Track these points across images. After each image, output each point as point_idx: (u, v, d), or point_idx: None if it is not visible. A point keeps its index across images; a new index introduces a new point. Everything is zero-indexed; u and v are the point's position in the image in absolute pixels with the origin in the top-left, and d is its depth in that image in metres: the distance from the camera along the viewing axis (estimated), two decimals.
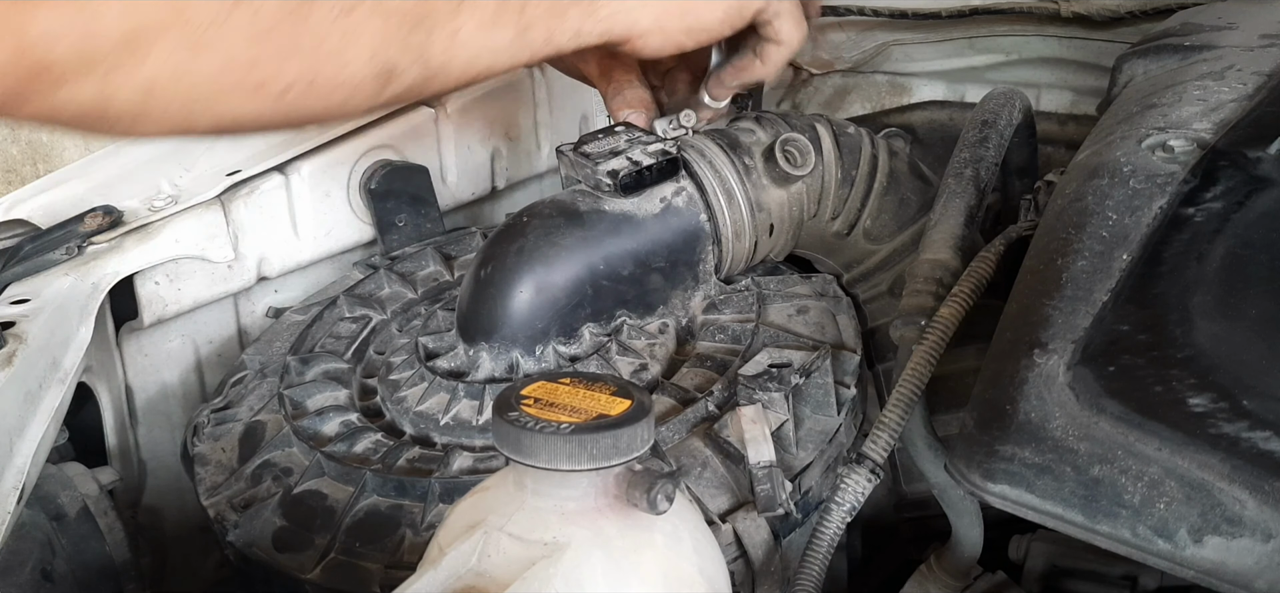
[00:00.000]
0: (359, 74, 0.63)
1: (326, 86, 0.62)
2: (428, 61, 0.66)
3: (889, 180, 0.94)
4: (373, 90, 0.64)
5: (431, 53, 0.66)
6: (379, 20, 0.62)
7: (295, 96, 0.61)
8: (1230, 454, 0.53)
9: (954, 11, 1.13)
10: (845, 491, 0.67)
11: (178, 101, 0.58)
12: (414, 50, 0.65)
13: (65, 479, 0.82)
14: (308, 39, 0.60)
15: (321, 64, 0.61)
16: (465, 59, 0.68)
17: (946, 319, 0.69)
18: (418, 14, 0.64)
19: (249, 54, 0.58)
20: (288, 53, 0.60)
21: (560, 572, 0.49)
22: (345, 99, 0.64)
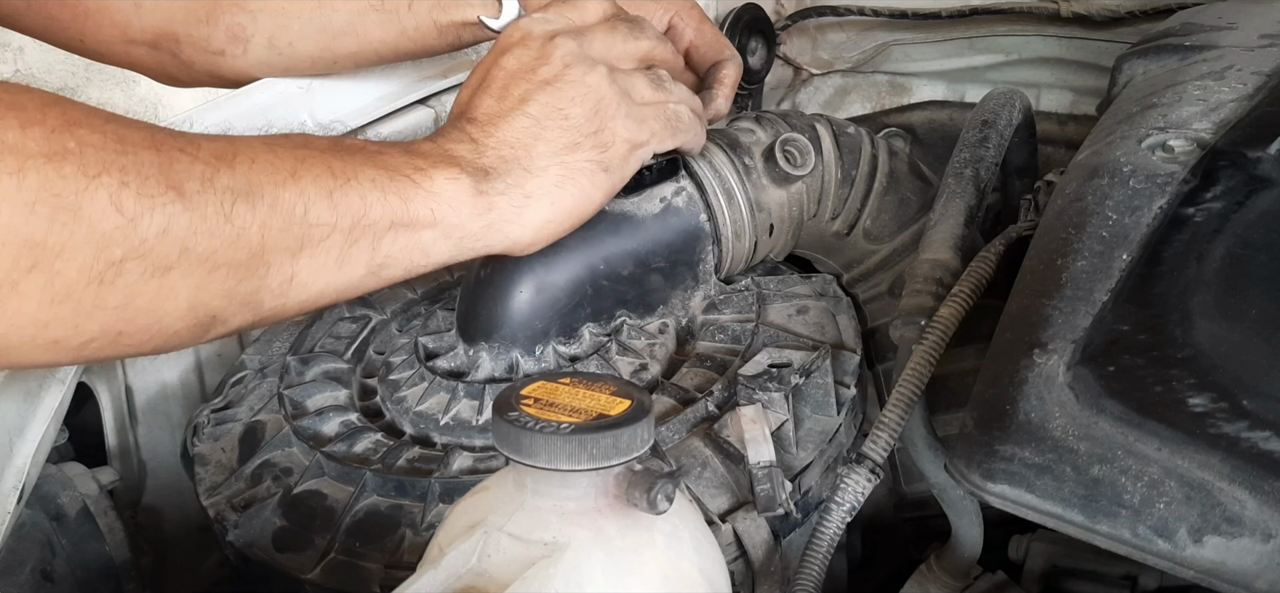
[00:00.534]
0: (175, 325, 0.59)
1: (136, 338, 0.58)
2: (259, 307, 0.62)
3: (889, 180, 0.94)
4: (192, 336, 0.60)
5: (263, 298, 0.61)
6: (199, 276, 0.57)
7: (98, 347, 0.57)
8: (1230, 454, 0.53)
9: (954, 11, 1.13)
10: (845, 491, 0.67)
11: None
12: (242, 298, 0.60)
13: (65, 479, 0.82)
14: (114, 299, 0.55)
15: (129, 319, 0.56)
16: (304, 300, 0.63)
17: (946, 319, 0.69)
18: (250, 265, 0.59)
19: (42, 315, 0.53)
20: (87, 313, 0.55)
21: (560, 572, 0.49)
22: (160, 346, 0.59)
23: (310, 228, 0.62)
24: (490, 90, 0.73)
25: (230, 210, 0.58)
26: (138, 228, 0.54)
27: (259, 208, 0.59)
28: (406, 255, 0.66)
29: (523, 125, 0.70)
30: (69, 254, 0.52)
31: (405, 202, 0.65)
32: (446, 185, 0.67)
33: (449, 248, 0.68)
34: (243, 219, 0.58)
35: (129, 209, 0.54)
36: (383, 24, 0.89)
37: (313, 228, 0.62)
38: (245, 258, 0.59)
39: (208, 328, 0.60)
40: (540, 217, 0.71)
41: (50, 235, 0.52)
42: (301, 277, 0.62)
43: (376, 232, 0.64)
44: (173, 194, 0.56)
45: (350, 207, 0.63)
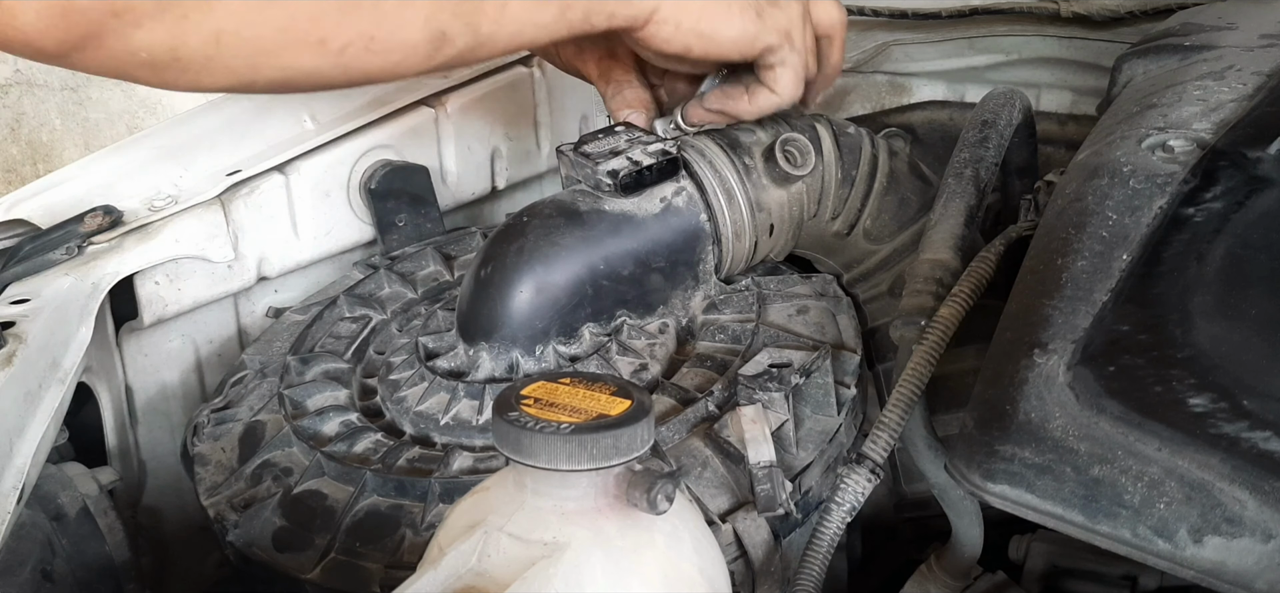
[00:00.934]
0: (414, 37, 0.67)
1: (384, 46, 0.66)
2: (477, 30, 0.69)
3: (889, 180, 0.94)
4: (426, 53, 0.68)
5: (480, 22, 0.69)
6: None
7: (354, 54, 0.65)
8: (1230, 454, 0.53)
9: (954, 11, 1.13)
10: (845, 490, 0.67)
11: (244, 53, 0.62)
12: (465, 18, 0.68)
13: (65, 479, 0.82)
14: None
15: (380, 24, 0.65)
16: (511, 31, 0.71)
17: (946, 319, 0.69)
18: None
19: (313, 9, 0.62)
20: (348, 10, 0.63)
21: (560, 572, 0.49)
22: (401, 60, 0.68)
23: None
24: None
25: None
26: None
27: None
28: (587, 3, 0.74)
29: None
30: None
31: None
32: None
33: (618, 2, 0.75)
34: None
35: None
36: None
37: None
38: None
39: (439, 46, 0.68)
40: (687, 9, 0.77)
41: None
42: (511, 7, 0.70)
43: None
44: None
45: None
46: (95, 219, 0.90)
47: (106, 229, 0.90)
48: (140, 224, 0.91)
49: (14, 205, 0.93)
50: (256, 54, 0.62)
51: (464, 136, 1.10)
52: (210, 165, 0.97)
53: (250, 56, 0.62)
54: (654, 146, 0.82)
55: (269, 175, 0.98)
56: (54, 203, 0.93)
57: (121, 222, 0.91)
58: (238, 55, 0.62)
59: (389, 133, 1.04)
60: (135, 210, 0.93)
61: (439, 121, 1.08)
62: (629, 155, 0.81)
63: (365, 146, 1.03)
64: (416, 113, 1.06)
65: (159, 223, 0.92)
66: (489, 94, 1.10)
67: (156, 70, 0.61)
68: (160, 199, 0.94)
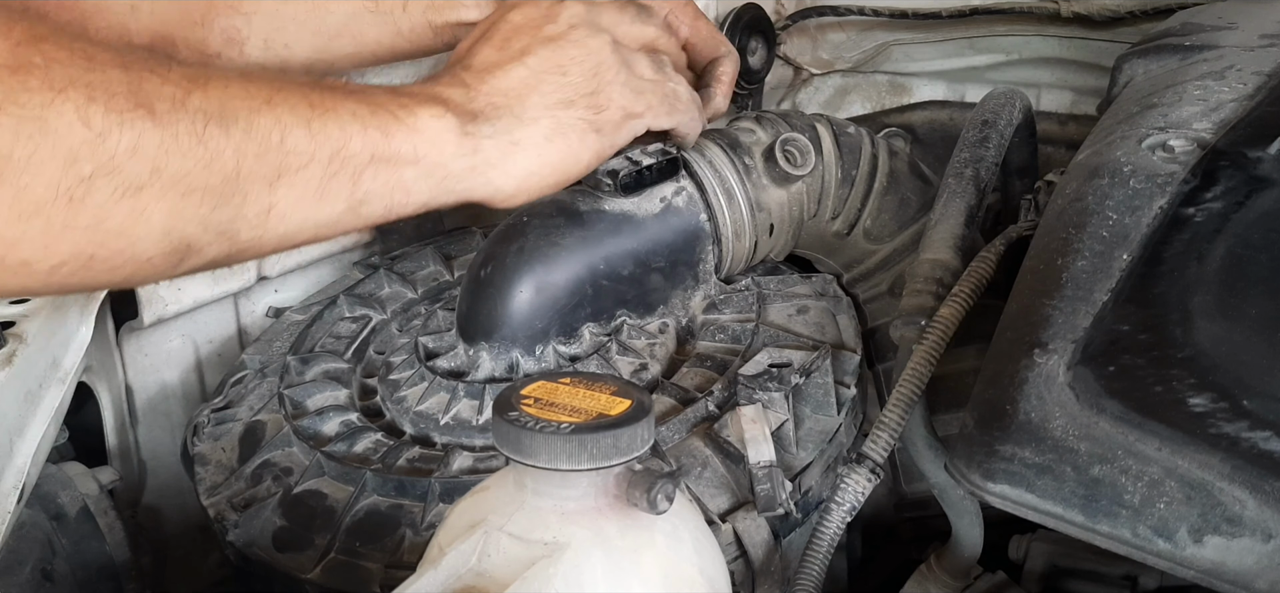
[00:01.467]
0: (148, 251, 0.57)
1: (107, 264, 0.56)
2: (235, 237, 0.60)
3: (889, 180, 0.94)
4: (166, 265, 0.58)
5: (239, 228, 0.60)
6: (175, 198, 0.56)
7: (68, 273, 0.55)
8: (1230, 454, 0.53)
9: (954, 11, 1.13)
10: (845, 490, 0.67)
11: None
12: (217, 227, 0.59)
13: (65, 479, 0.82)
14: (84, 218, 0.53)
15: (100, 242, 0.55)
16: (283, 233, 0.62)
17: (946, 319, 0.69)
18: (224, 191, 0.58)
19: (11, 233, 0.52)
20: (57, 233, 0.53)
21: (560, 572, 0.49)
22: (132, 274, 0.58)
23: (288, 156, 0.60)
24: (491, 41, 0.73)
25: (202, 132, 0.56)
26: (106, 143, 0.53)
27: (233, 132, 0.57)
28: (387, 192, 0.65)
29: (519, 75, 0.71)
30: (36, 168, 0.51)
31: (386, 136, 0.64)
32: (431, 122, 0.66)
33: (430, 188, 0.67)
34: (216, 142, 0.57)
35: (97, 124, 0.53)
36: (378, 25, 0.89)
37: (290, 156, 0.60)
38: (219, 183, 0.57)
39: (183, 257, 0.58)
40: (525, 166, 0.70)
41: (16, 148, 0.50)
42: (279, 207, 0.60)
43: (356, 165, 0.63)
44: (142, 112, 0.54)
45: (329, 137, 0.62)
46: None
47: None
48: None
49: None
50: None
51: None
52: None
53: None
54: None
55: None
56: None
57: None
58: None
59: None
60: None
61: None
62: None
63: None
64: None
65: None
66: None
67: None
68: None
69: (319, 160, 0.61)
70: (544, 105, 0.71)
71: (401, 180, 0.65)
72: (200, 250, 0.59)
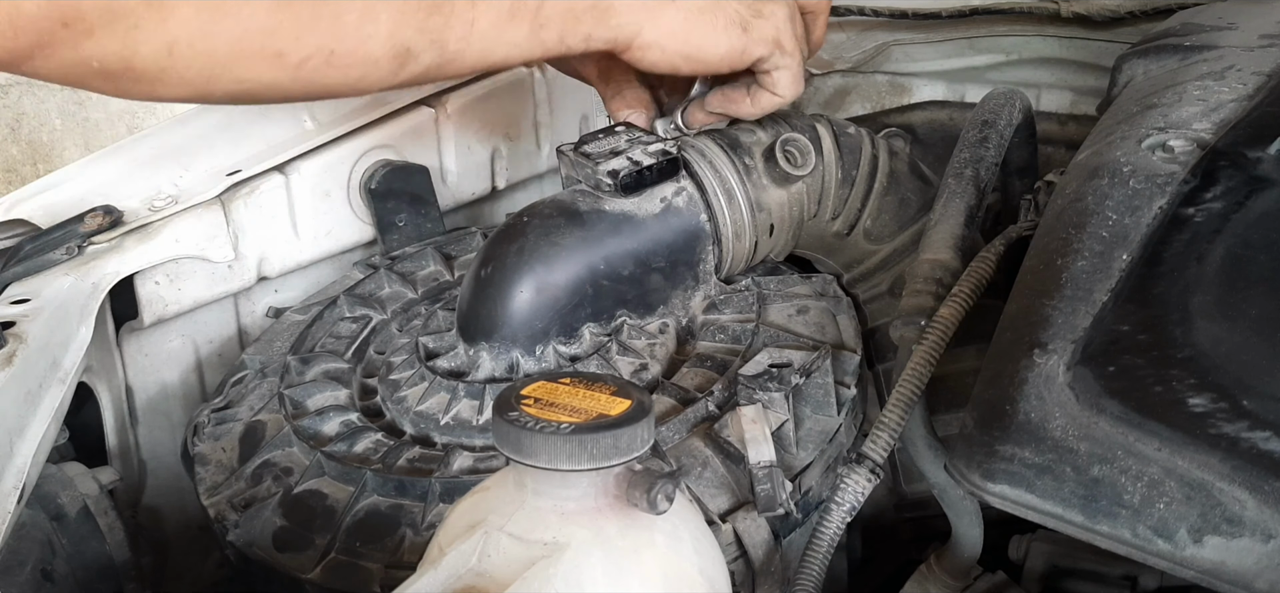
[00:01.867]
0: (376, 51, 0.65)
1: (344, 61, 0.64)
2: (443, 47, 0.67)
3: (889, 180, 0.94)
4: (390, 69, 0.66)
5: (447, 39, 0.67)
6: (397, 2, 0.64)
7: (313, 68, 0.63)
8: (1230, 454, 0.53)
9: (954, 11, 1.13)
10: (845, 490, 0.67)
11: (198, 64, 0.60)
12: (431, 34, 0.66)
13: (65, 479, 0.82)
14: (328, 11, 0.61)
15: (340, 37, 0.63)
16: (480, 49, 0.69)
17: (946, 319, 0.69)
18: (434, 2, 0.66)
19: (269, 22, 0.60)
20: (307, 24, 0.61)
21: (560, 572, 0.49)
22: (362, 74, 0.66)
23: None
24: None
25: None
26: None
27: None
28: (561, 18, 0.72)
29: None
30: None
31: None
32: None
33: (593, 19, 0.74)
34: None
35: None
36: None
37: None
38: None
39: (403, 62, 0.66)
40: (671, 23, 0.76)
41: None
42: (479, 23, 0.68)
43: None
44: None
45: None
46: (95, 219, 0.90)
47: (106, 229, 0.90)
48: (140, 224, 0.91)
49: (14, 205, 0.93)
50: (212, 66, 0.61)
51: (464, 136, 1.10)
52: (210, 165, 0.97)
53: (205, 68, 0.61)
54: (654, 147, 0.82)
55: (269, 175, 0.98)
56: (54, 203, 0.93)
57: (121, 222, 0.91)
58: (192, 66, 0.60)
59: (389, 133, 1.04)
60: (135, 210, 0.93)
61: (439, 122, 1.08)
62: (629, 155, 0.81)
63: (365, 146, 1.03)
64: (416, 113, 1.06)
65: (159, 223, 0.92)
66: (489, 94, 1.10)
67: (111, 79, 0.59)
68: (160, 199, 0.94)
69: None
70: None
71: (573, 10, 0.73)
72: (417, 57, 0.67)
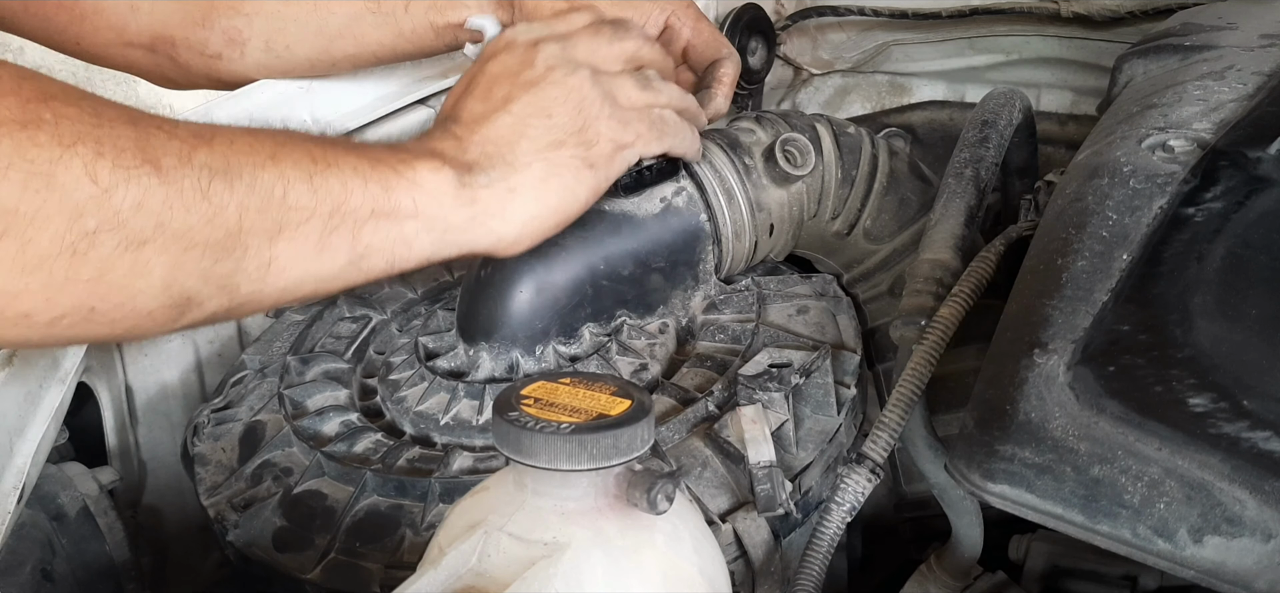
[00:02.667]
0: (149, 305, 0.57)
1: (109, 317, 0.57)
2: (235, 290, 0.60)
3: (889, 180, 0.94)
4: (167, 318, 0.59)
5: (239, 282, 0.60)
6: (177, 252, 0.56)
7: (69, 325, 0.56)
8: (1230, 454, 0.53)
9: (954, 11, 1.13)
10: (845, 490, 0.67)
11: None
12: (218, 280, 0.59)
13: (65, 479, 0.82)
14: (87, 271, 0.54)
15: (103, 296, 0.55)
16: (282, 286, 0.62)
17: (946, 319, 0.69)
18: (225, 245, 0.58)
19: (13, 286, 0.53)
20: (60, 285, 0.54)
21: (560, 572, 0.49)
22: (133, 327, 0.58)
23: (289, 211, 0.61)
24: (474, 93, 0.73)
25: (207, 187, 0.57)
26: (112, 199, 0.54)
27: (237, 187, 0.58)
28: (388, 246, 0.65)
29: (506, 124, 0.70)
30: (41, 222, 0.52)
31: (387, 190, 0.65)
32: (429, 176, 0.66)
33: (432, 241, 0.67)
34: (220, 197, 0.58)
35: (104, 180, 0.53)
36: (379, 26, 0.89)
37: (292, 211, 0.61)
38: (222, 237, 0.58)
39: (183, 310, 0.59)
40: (525, 211, 0.70)
41: (22, 203, 0.51)
42: (280, 261, 0.61)
43: (357, 219, 0.63)
44: (149, 167, 0.55)
45: (330, 192, 0.62)
46: None
47: None
48: None
49: None
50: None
51: None
52: None
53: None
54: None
55: None
56: None
57: None
58: None
59: (388, 132, 1.04)
60: None
61: None
62: None
63: None
64: (416, 113, 1.06)
65: None
66: None
67: None
68: None
69: (320, 215, 0.62)
70: (534, 149, 0.70)
71: (402, 234, 0.66)
72: (200, 304, 0.59)
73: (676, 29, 0.90)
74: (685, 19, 0.90)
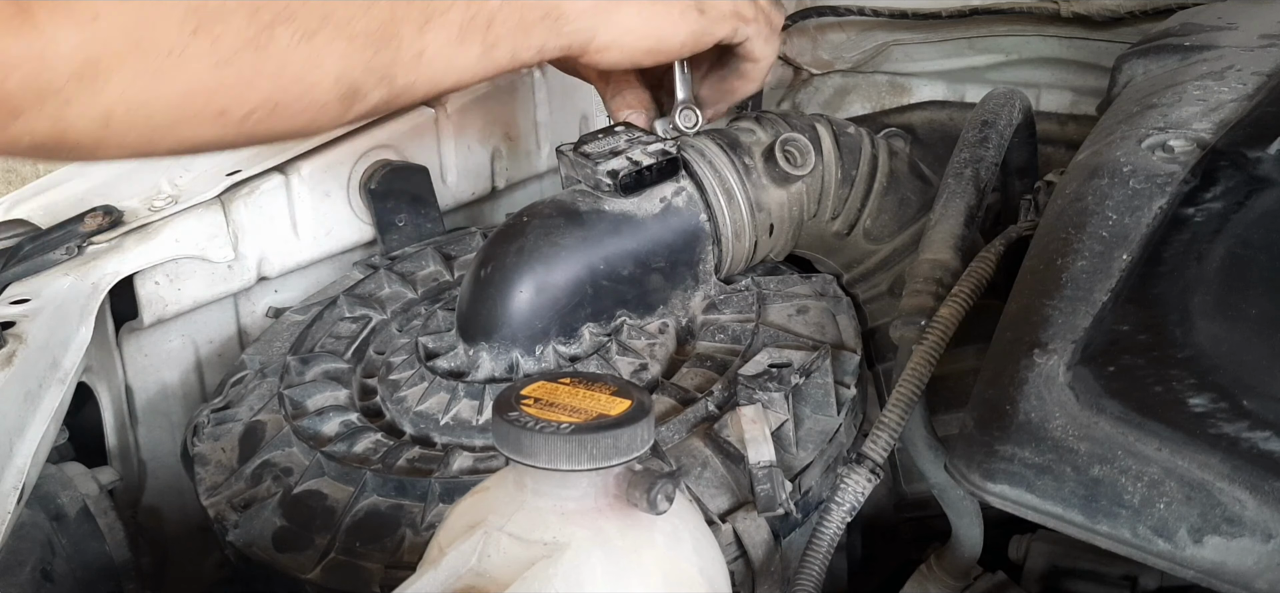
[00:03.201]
0: (324, 96, 0.62)
1: (291, 110, 0.62)
2: (393, 80, 0.65)
3: (889, 180, 0.94)
4: (338, 110, 0.64)
5: (396, 72, 0.65)
6: (343, 42, 0.62)
7: (258, 120, 0.60)
8: (1230, 454, 0.53)
9: (954, 11, 1.13)
10: (845, 491, 0.67)
11: (137, 129, 0.57)
12: (379, 71, 0.64)
13: (65, 479, 0.82)
14: (270, 65, 0.59)
15: (285, 89, 0.60)
16: (431, 76, 0.68)
17: (946, 319, 0.69)
18: (383, 34, 0.64)
19: (210, 82, 0.57)
20: (249, 79, 0.59)
21: (560, 572, 0.49)
22: (310, 120, 0.64)
23: (432, 1, 0.66)
24: None
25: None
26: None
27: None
28: (512, 36, 0.70)
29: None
30: (226, 17, 0.57)
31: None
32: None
33: (545, 32, 0.72)
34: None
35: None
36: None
37: (434, 1, 0.66)
38: (378, 28, 0.63)
39: (351, 101, 0.64)
40: (625, 22, 0.74)
41: (208, 1, 0.56)
42: (428, 51, 0.66)
43: (490, 9, 0.69)
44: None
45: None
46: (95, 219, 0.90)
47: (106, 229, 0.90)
48: (140, 224, 0.91)
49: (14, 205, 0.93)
50: (152, 131, 0.58)
51: (464, 136, 1.10)
52: (210, 165, 0.97)
53: (145, 133, 0.58)
54: (654, 147, 0.82)
55: (269, 175, 0.98)
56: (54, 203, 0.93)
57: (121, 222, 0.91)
58: (131, 132, 0.57)
59: (389, 132, 1.04)
60: (135, 210, 0.93)
61: (439, 121, 1.08)
62: (629, 155, 0.81)
63: (365, 146, 1.03)
64: (416, 112, 1.06)
65: (159, 223, 0.92)
66: (489, 94, 1.10)
67: (45, 153, 0.57)
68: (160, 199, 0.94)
69: (459, 4, 0.67)
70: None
71: (524, 22, 0.71)
72: (365, 95, 0.65)
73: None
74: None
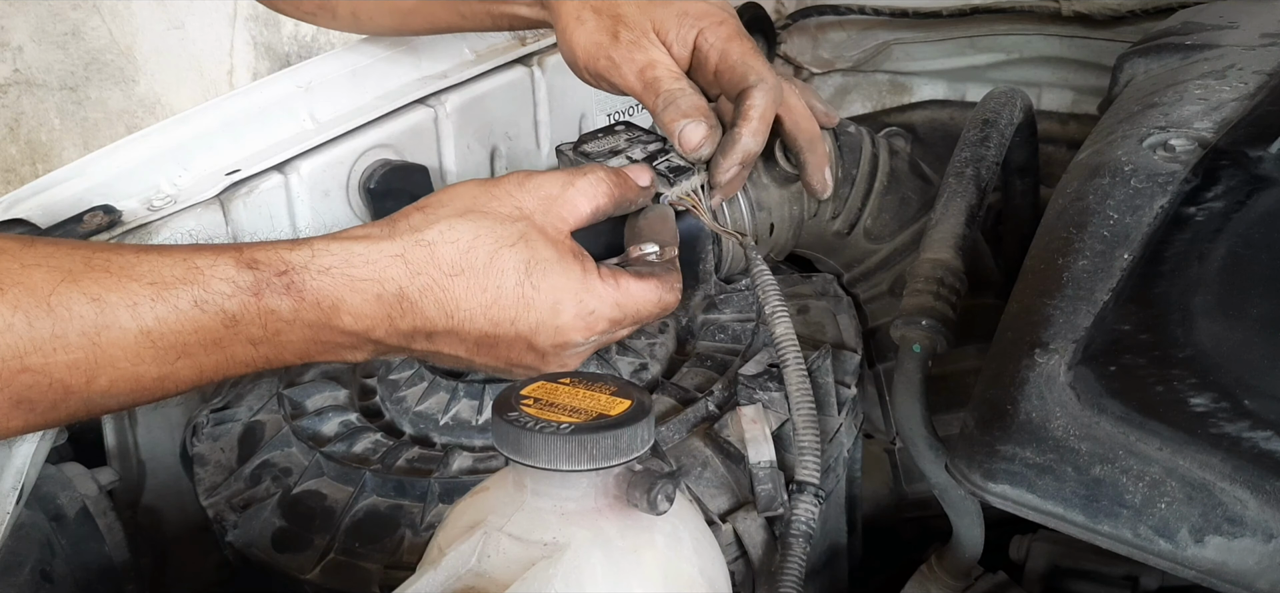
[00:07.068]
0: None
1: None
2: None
3: (889, 180, 0.94)
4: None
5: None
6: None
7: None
8: (1231, 454, 0.53)
9: (955, 11, 1.13)
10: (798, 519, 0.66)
11: None
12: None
13: (65, 479, 0.82)
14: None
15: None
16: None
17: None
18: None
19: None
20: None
21: (560, 572, 0.49)
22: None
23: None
24: (484, 288, 0.66)
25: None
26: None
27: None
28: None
29: (453, 340, 0.66)
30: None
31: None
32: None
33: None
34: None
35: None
36: (447, 10, 0.96)
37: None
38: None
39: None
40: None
41: None
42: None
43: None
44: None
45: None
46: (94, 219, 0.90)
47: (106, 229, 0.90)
48: (139, 224, 0.91)
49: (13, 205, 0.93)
50: None
51: (464, 136, 1.10)
52: (209, 165, 0.97)
53: None
54: (653, 145, 0.82)
55: (268, 175, 0.98)
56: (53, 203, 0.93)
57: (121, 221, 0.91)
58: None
59: (388, 132, 1.04)
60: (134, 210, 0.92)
61: (439, 121, 1.08)
62: (628, 155, 0.81)
63: (365, 145, 1.03)
64: (416, 112, 1.06)
65: (158, 223, 0.92)
66: (489, 93, 1.10)
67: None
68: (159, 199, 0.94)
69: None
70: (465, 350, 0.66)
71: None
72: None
73: (705, 52, 0.79)
74: (715, 39, 0.79)
